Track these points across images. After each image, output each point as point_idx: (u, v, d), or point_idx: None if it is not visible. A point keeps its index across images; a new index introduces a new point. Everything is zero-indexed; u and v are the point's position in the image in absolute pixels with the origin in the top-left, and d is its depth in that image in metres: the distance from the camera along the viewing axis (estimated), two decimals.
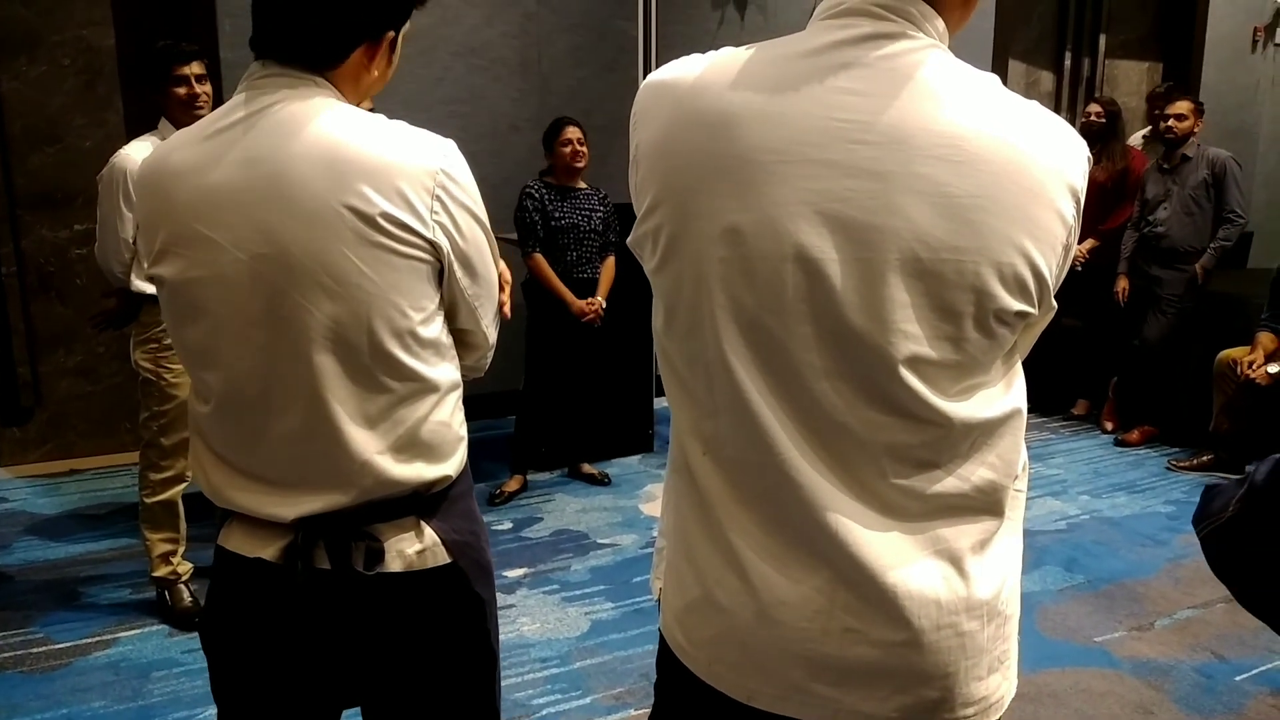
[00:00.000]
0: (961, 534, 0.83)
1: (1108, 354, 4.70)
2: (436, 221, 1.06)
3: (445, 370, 1.13)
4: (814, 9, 0.84)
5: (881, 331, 0.77)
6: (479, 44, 4.39)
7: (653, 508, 3.65)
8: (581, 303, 3.58)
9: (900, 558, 0.81)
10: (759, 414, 0.80)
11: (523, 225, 3.58)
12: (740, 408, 0.81)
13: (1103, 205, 4.62)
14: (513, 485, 3.76)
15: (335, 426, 1.05)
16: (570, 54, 4.59)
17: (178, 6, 3.87)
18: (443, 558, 1.14)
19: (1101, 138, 4.59)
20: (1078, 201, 0.81)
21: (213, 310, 1.05)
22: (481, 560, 1.21)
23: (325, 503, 1.08)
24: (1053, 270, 0.80)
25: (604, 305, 3.63)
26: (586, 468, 3.96)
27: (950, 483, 0.82)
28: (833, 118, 0.76)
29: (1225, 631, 2.75)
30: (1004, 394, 0.84)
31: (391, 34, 1.12)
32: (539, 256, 3.57)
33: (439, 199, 1.05)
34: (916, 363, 0.77)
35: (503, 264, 1.25)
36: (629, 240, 0.89)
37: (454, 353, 1.17)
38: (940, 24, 0.81)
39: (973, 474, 0.83)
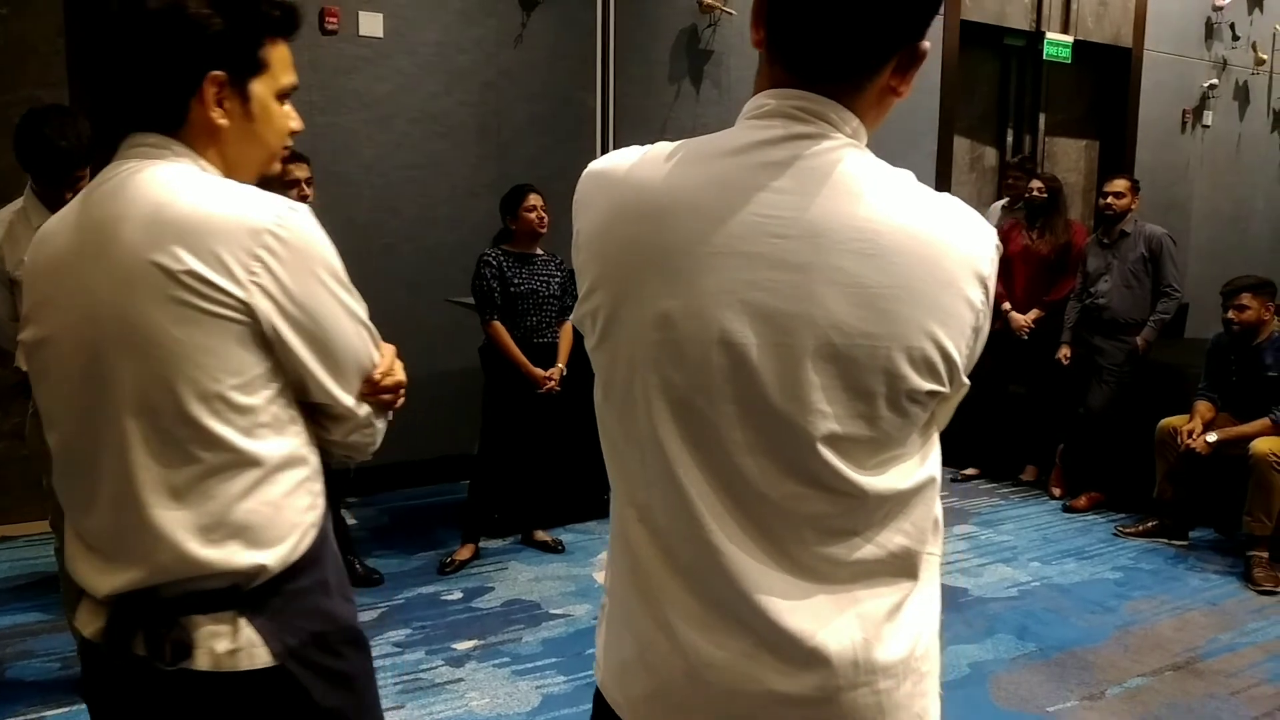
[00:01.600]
0: (878, 596, 0.88)
1: (1054, 421, 4.79)
2: (255, 283, 1.00)
3: (273, 445, 1.04)
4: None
5: (800, 411, 0.82)
6: (437, 111, 4.44)
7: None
8: (540, 372, 3.57)
9: (820, 622, 0.86)
10: (686, 487, 0.85)
11: (480, 293, 3.59)
12: (669, 481, 0.86)
13: (1047, 277, 4.77)
14: (464, 553, 3.69)
15: (138, 495, 1.00)
16: (529, 123, 4.67)
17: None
18: (262, 660, 1.03)
19: (1044, 212, 4.75)
20: (986, 289, 0.86)
21: (51, 372, 1.06)
22: (334, 667, 1.10)
23: (130, 579, 1.02)
24: (962, 352, 0.86)
25: (564, 371, 3.63)
26: (540, 534, 3.91)
27: (867, 549, 0.87)
28: (757, 213, 0.82)
29: (1174, 700, 2.77)
30: (919, 466, 0.89)
31: (218, 74, 1.05)
32: (497, 324, 3.57)
33: (260, 259, 1.00)
34: (834, 440, 0.83)
35: (382, 346, 1.17)
36: (572, 317, 0.94)
37: (296, 427, 1.08)
38: (856, 123, 0.86)
39: (888, 541, 0.88)
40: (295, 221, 1.03)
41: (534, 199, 3.61)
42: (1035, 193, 4.75)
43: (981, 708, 2.69)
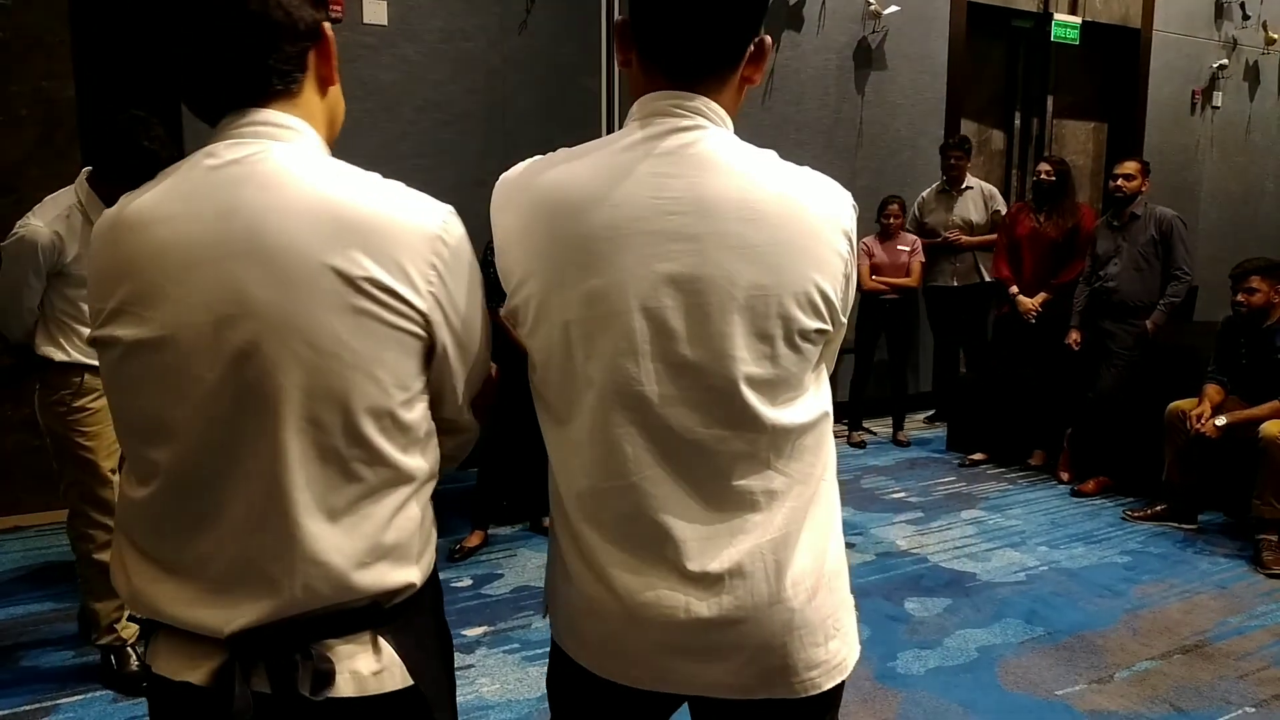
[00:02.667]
0: (788, 520, 1.02)
1: (1062, 406, 4.78)
2: (431, 292, 0.94)
3: (424, 460, 0.99)
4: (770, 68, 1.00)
5: (719, 360, 0.96)
6: (443, 99, 4.43)
7: None
8: None
9: (736, 549, 0.99)
10: (619, 442, 0.98)
11: (487, 282, 3.58)
12: (604, 441, 0.99)
13: (1055, 260, 4.74)
14: (473, 540, 3.71)
15: (291, 517, 0.90)
16: (535, 109, 4.66)
17: (140, 61, 3.87)
18: (401, 680, 0.97)
19: (1052, 195, 4.72)
20: (850, 240, 1.03)
21: (168, 377, 0.91)
22: (447, 683, 1.08)
23: (269, 610, 0.91)
24: (838, 294, 1.02)
25: None
26: (548, 522, 3.90)
27: (777, 480, 1.01)
28: (654, 196, 0.96)
29: (1183, 683, 2.78)
30: (815, 400, 1.04)
31: (326, 24, 1.00)
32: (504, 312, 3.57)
33: (435, 268, 0.95)
34: (751, 381, 0.97)
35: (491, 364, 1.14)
36: (502, 312, 1.04)
37: (434, 441, 1.02)
38: (721, 111, 1.02)
39: (794, 470, 1.02)
40: (456, 227, 0.98)
41: None
42: (1044, 176, 4.72)
43: (990, 691, 2.70)
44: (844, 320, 1.04)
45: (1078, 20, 6.24)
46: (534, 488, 3.94)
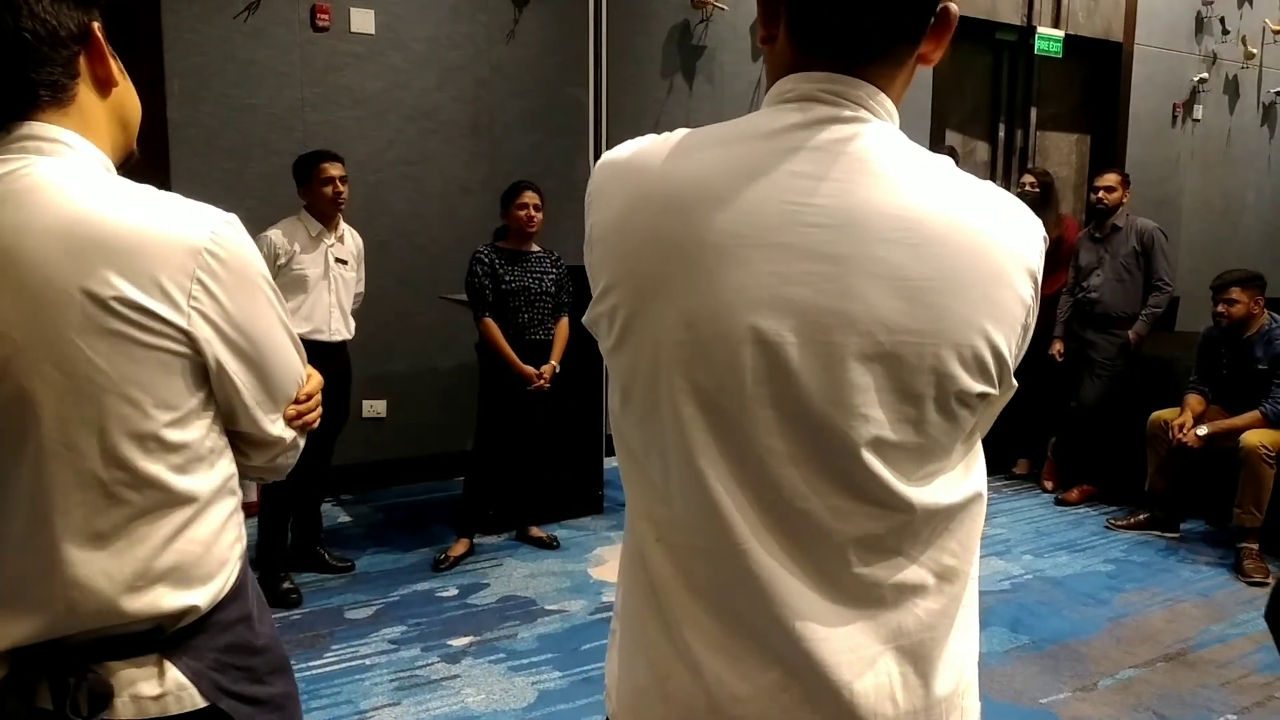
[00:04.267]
0: (922, 626, 0.82)
1: (1046, 415, 4.81)
2: (195, 309, 0.91)
3: (205, 479, 0.97)
4: (760, 80, 0.86)
5: (843, 415, 0.75)
6: (430, 108, 4.43)
7: (602, 571, 3.61)
8: (530, 370, 3.57)
9: (856, 653, 0.79)
10: (718, 500, 0.78)
11: (472, 290, 3.59)
12: (698, 493, 0.79)
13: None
14: (459, 549, 3.69)
15: (54, 541, 0.89)
16: (522, 119, 4.66)
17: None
18: (192, 702, 0.96)
19: (1036, 207, 4.75)
20: (1035, 282, 0.81)
21: None
22: (265, 697, 1.04)
23: (38, 628, 0.91)
24: (1012, 350, 0.80)
25: (557, 368, 3.63)
26: (535, 531, 3.91)
27: (912, 571, 0.81)
28: (789, 201, 0.76)
29: (1166, 691, 2.79)
30: (965, 477, 0.83)
31: (95, 24, 0.95)
32: (489, 321, 3.57)
33: (200, 282, 0.91)
34: (879, 446, 0.76)
35: (309, 368, 1.10)
36: (585, 319, 0.87)
37: (226, 457, 1.01)
38: (888, 103, 0.81)
39: (934, 562, 0.82)
40: (230, 236, 0.95)
41: (527, 197, 3.60)
42: (1027, 187, 4.77)
43: None
44: (1014, 383, 0.82)
45: (1060, 33, 6.30)
46: (520, 497, 3.93)
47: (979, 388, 0.78)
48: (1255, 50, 7.26)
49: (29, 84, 0.92)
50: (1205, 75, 7.07)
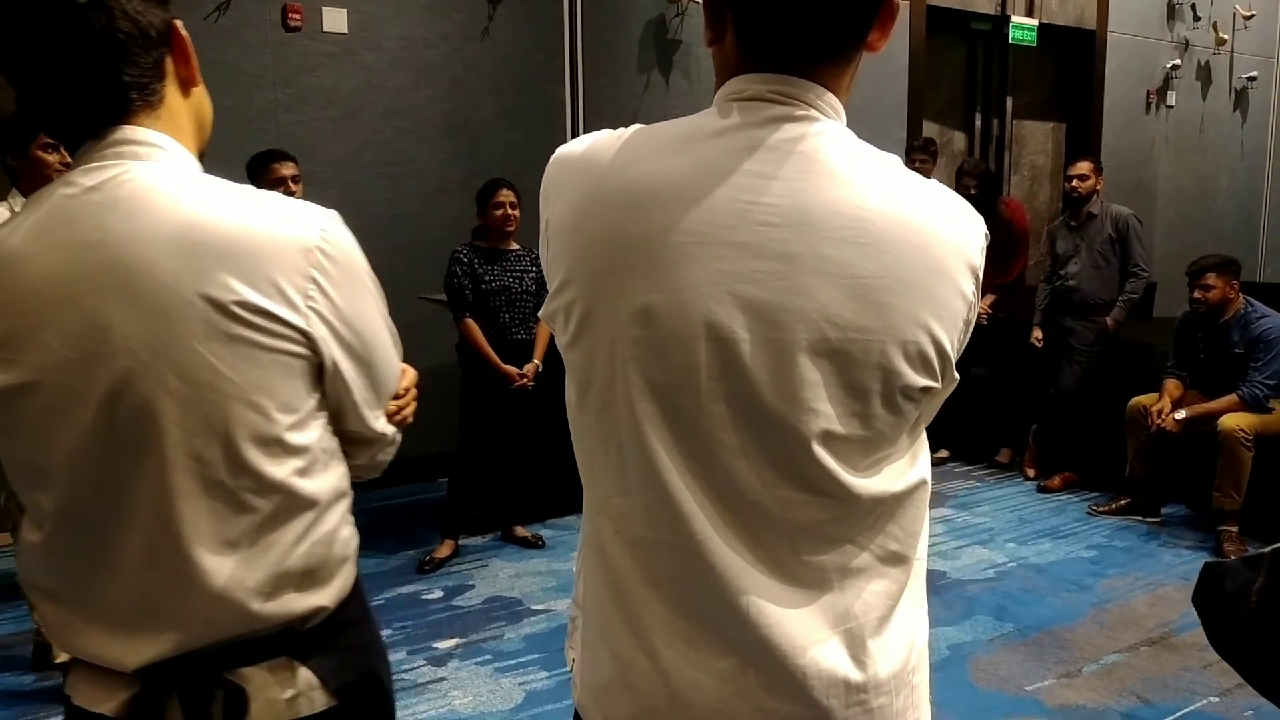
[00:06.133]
0: (868, 607, 0.84)
1: (1027, 403, 4.85)
2: (312, 309, 0.91)
3: (325, 481, 0.97)
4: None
5: (794, 410, 0.78)
6: (405, 107, 4.40)
7: None
8: (513, 370, 3.56)
9: (809, 637, 0.82)
10: (674, 493, 0.80)
11: (452, 291, 3.57)
12: (655, 487, 0.81)
13: (995, 262, 4.79)
14: (444, 551, 3.68)
15: (185, 553, 0.88)
16: (499, 117, 4.64)
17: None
18: (322, 703, 0.97)
19: (979, 203, 4.78)
20: (977, 279, 0.84)
21: (41, 422, 0.88)
22: (380, 698, 1.06)
23: (173, 644, 0.91)
24: (954, 345, 0.83)
25: (539, 367, 3.62)
26: (520, 530, 3.90)
27: (859, 557, 0.83)
28: (742, 200, 0.77)
29: (1149, 675, 2.82)
30: (909, 467, 0.85)
31: (178, 22, 0.94)
32: (470, 321, 3.55)
33: (315, 282, 0.91)
34: (828, 439, 0.79)
35: (405, 366, 1.10)
36: (541, 313, 0.88)
37: (339, 458, 1.00)
38: (836, 102, 0.82)
39: (879, 547, 0.84)
40: (338, 233, 0.94)
41: (503, 195, 3.58)
42: (971, 190, 4.71)
43: (961, 689, 2.72)
44: (955, 376, 0.85)
45: (1034, 22, 6.33)
46: (504, 497, 3.91)
47: (923, 382, 0.81)
48: (1226, 36, 7.32)
49: (121, 86, 0.90)
50: (1178, 62, 7.12)
